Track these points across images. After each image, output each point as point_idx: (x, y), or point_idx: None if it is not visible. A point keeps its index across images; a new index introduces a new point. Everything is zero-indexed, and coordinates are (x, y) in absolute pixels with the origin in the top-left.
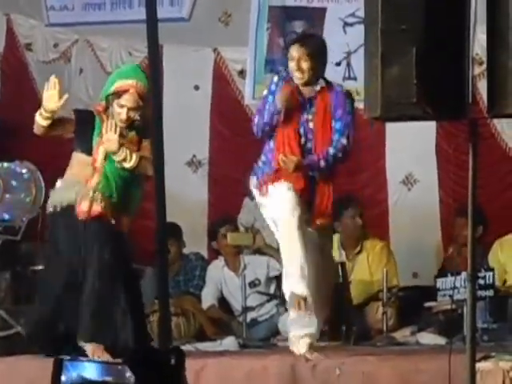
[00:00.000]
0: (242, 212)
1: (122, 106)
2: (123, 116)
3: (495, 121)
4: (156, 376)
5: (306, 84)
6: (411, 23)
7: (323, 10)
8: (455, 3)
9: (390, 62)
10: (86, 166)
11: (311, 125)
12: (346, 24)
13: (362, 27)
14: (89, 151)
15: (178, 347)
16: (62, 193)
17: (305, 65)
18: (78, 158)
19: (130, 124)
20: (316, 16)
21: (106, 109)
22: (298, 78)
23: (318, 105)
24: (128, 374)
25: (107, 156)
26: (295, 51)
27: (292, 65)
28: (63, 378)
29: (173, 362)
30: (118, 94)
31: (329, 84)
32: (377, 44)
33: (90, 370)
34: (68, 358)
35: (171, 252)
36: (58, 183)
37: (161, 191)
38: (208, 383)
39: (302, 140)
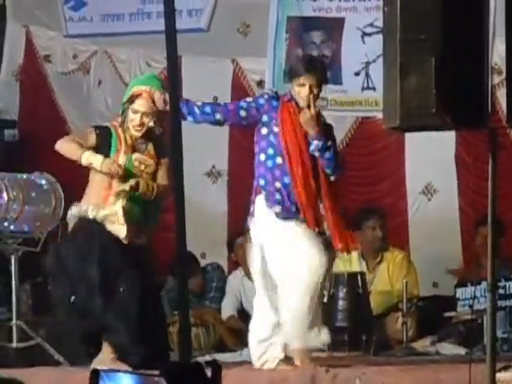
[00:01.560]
0: None
1: (135, 112)
2: (136, 121)
3: None
4: None
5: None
6: (430, 33)
7: (341, 20)
8: (474, 13)
9: (409, 71)
10: (105, 186)
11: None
12: (364, 34)
13: (380, 37)
14: None
15: (214, 360)
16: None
17: (316, 90)
18: (96, 177)
19: (146, 133)
20: (334, 26)
21: (122, 123)
22: (305, 101)
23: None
24: None
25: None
26: (307, 80)
27: (303, 91)
28: None
29: (209, 374)
30: (132, 100)
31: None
32: (395, 54)
33: (126, 382)
34: (104, 369)
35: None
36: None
37: (180, 203)
38: None
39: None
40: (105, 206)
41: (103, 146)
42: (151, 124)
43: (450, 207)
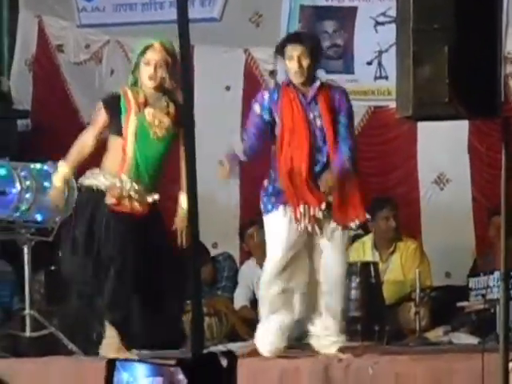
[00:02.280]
0: None
1: (147, 63)
2: (150, 72)
3: None
4: (208, 379)
5: (305, 83)
6: (443, 22)
7: (354, 10)
8: (487, 2)
9: (422, 61)
10: (119, 151)
11: (319, 123)
12: (377, 23)
13: (393, 26)
14: (120, 132)
15: (230, 350)
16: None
17: (305, 62)
18: (111, 141)
19: (160, 87)
20: (347, 15)
21: (135, 83)
22: (298, 77)
23: (322, 103)
24: (180, 376)
25: (137, 133)
26: (294, 50)
27: (292, 65)
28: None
29: (225, 365)
30: (143, 52)
31: (323, 82)
32: (409, 43)
33: (141, 371)
34: (120, 358)
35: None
36: (96, 170)
37: (193, 192)
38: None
39: (312, 139)
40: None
41: (114, 116)
42: (164, 74)
43: (463, 197)
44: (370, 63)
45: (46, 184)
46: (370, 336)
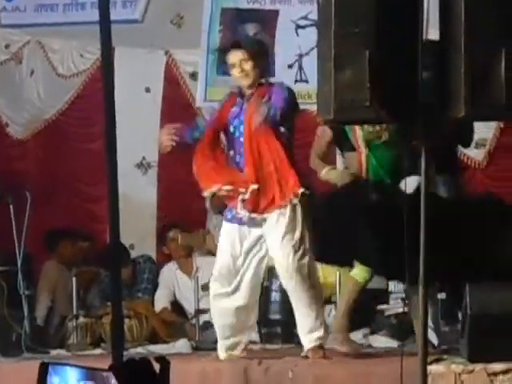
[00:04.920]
0: None
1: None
2: (236, 70)
3: None
4: None
5: (251, 86)
6: (364, 26)
7: (276, 13)
8: (408, 7)
9: (343, 64)
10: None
11: (242, 117)
12: (298, 26)
13: (314, 30)
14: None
15: (163, 356)
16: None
17: (247, 65)
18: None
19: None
20: (268, 18)
21: None
22: (243, 80)
23: (253, 98)
24: (113, 381)
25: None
26: (235, 56)
27: (234, 71)
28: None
29: (158, 370)
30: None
31: (272, 84)
32: (330, 47)
33: (73, 375)
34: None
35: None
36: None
37: (114, 194)
38: None
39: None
40: None
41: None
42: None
43: None
44: (290, 66)
45: None
46: (290, 339)
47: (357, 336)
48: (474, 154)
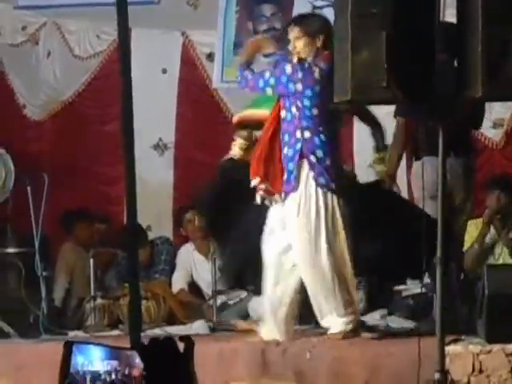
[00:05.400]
0: None
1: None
2: (291, 47)
3: None
4: (165, 363)
5: None
6: (381, 8)
7: None
8: None
9: (360, 46)
10: None
11: None
12: (315, 7)
13: (331, 11)
14: None
15: (188, 336)
16: None
17: (299, 43)
18: None
19: None
20: None
21: None
22: (294, 59)
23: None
24: (137, 360)
25: None
26: (291, 33)
27: (290, 47)
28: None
29: (182, 349)
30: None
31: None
32: (347, 28)
33: (97, 354)
34: (76, 340)
35: None
36: None
37: (131, 176)
38: None
39: None
40: None
41: None
42: None
43: None
44: None
45: None
46: (307, 319)
47: (374, 317)
48: (491, 134)
